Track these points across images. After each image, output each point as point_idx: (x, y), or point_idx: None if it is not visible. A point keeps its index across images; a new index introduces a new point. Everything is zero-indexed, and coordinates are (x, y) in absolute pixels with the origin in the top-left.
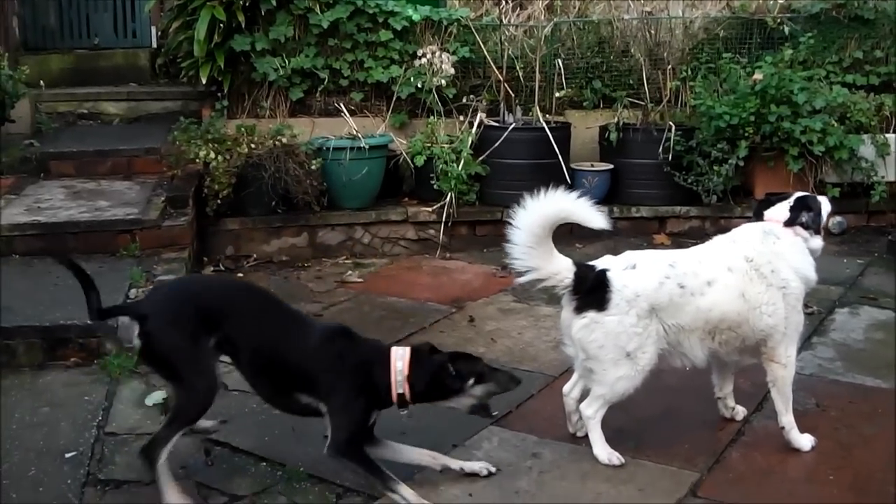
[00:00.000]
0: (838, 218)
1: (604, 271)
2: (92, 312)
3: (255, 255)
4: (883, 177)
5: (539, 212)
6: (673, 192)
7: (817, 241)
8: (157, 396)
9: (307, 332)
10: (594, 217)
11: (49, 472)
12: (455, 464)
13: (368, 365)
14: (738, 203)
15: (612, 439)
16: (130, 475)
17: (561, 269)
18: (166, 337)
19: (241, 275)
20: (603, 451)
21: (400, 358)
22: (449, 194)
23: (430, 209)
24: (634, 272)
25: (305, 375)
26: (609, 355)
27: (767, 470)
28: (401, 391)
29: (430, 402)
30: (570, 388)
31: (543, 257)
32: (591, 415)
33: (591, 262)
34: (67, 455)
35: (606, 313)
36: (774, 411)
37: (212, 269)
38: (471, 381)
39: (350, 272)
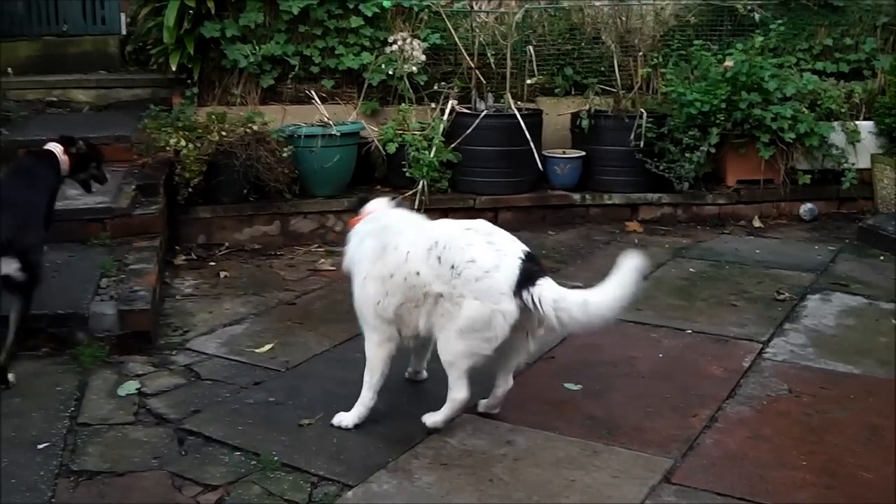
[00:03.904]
0: (809, 205)
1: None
2: None
3: (226, 244)
4: (853, 164)
5: None
6: (645, 179)
7: None
8: (130, 387)
9: None
10: None
11: (21, 463)
12: None
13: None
14: (709, 190)
15: (586, 426)
16: (104, 466)
17: None
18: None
19: (212, 263)
20: None
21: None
22: (421, 182)
23: (402, 196)
24: None
25: None
26: None
27: (740, 455)
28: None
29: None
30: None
31: None
32: None
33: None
34: (40, 446)
35: None
36: (748, 397)
37: (183, 257)
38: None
39: (322, 260)
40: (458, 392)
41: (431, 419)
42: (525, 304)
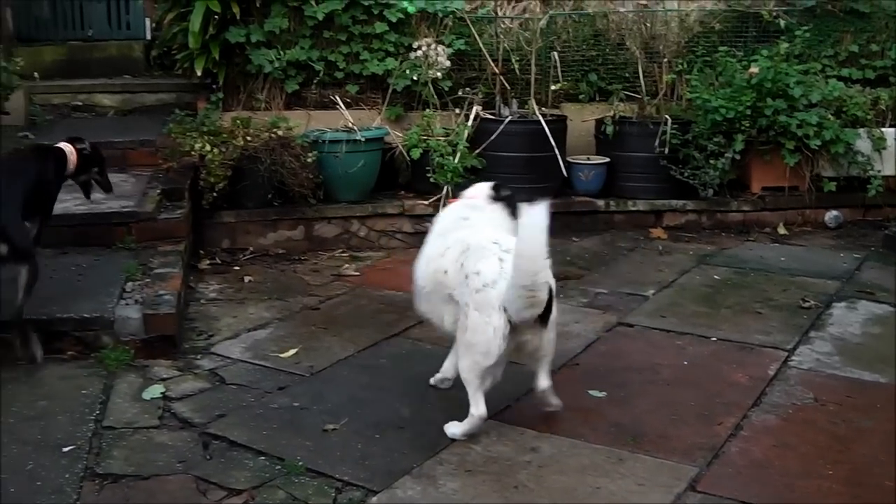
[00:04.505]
0: (834, 212)
1: None
2: None
3: (251, 248)
4: (879, 171)
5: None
6: (669, 185)
7: None
8: (155, 390)
9: None
10: None
11: (46, 465)
12: None
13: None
14: (734, 197)
15: (611, 433)
16: (128, 469)
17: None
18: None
19: (237, 267)
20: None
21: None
22: (445, 187)
23: (426, 202)
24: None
25: None
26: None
27: (766, 464)
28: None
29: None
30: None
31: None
32: (551, 382)
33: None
34: (65, 449)
35: (554, 311)
36: (773, 405)
37: (208, 261)
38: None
39: (346, 265)
40: (474, 408)
41: (452, 430)
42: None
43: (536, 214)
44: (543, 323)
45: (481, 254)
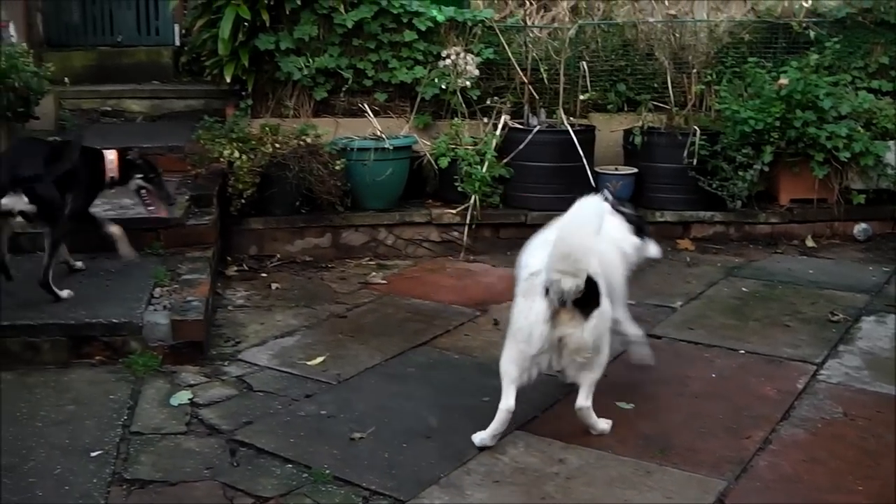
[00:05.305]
0: (863, 225)
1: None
2: None
3: (278, 255)
4: None
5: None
6: (697, 196)
7: None
8: (183, 396)
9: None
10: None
11: (74, 470)
12: None
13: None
14: (762, 209)
15: (639, 445)
16: (156, 475)
17: None
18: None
19: (264, 274)
20: (604, 424)
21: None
22: (473, 196)
23: (453, 211)
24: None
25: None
26: (606, 339)
27: (795, 479)
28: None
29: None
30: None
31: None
32: (590, 403)
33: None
34: (93, 454)
35: (602, 304)
36: (802, 419)
37: (235, 268)
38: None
39: (373, 273)
40: (504, 402)
41: (479, 437)
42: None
43: (588, 204)
44: (585, 314)
45: (531, 249)
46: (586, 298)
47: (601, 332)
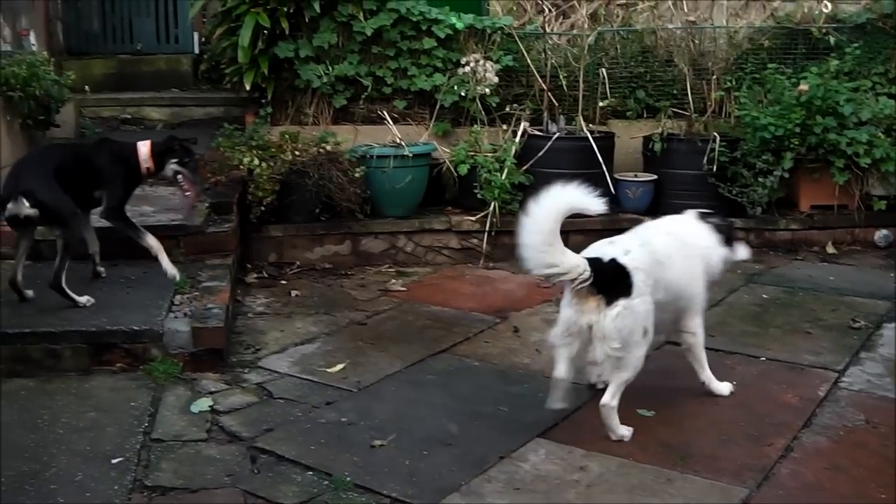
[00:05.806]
0: (884, 231)
1: (614, 259)
2: None
3: (297, 262)
4: None
5: (549, 208)
6: (717, 203)
7: None
8: (203, 404)
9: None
10: (593, 203)
11: (96, 477)
12: None
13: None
14: (782, 215)
15: (660, 453)
16: (177, 482)
17: (579, 262)
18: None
19: (284, 282)
20: (625, 430)
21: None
22: (492, 203)
23: (473, 218)
24: (633, 255)
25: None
26: (636, 338)
27: (817, 487)
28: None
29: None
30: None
31: (559, 253)
32: (615, 403)
33: (589, 255)
34: (114, 461)
35: (633, 298)
36: (824, 427)
37: (255, 275)
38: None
39: (393, 280)
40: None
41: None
42: None
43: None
44: (608, 301)
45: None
46: (614, 286)
47: (627, 325)
